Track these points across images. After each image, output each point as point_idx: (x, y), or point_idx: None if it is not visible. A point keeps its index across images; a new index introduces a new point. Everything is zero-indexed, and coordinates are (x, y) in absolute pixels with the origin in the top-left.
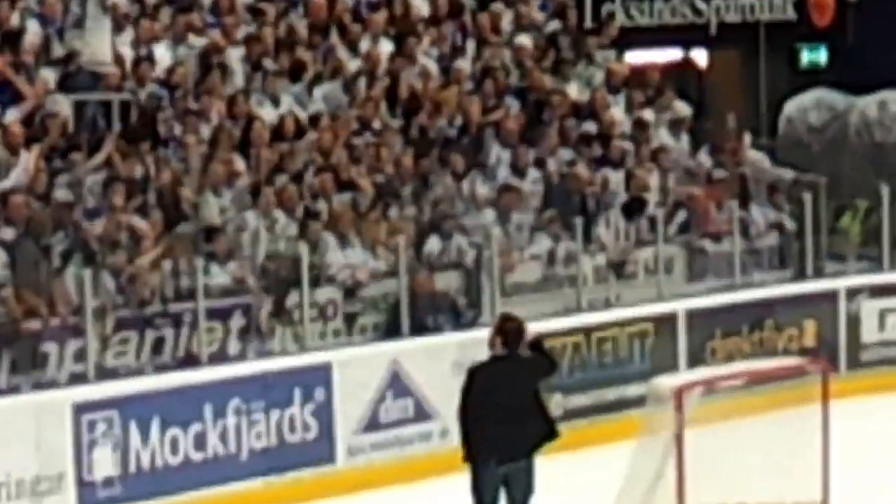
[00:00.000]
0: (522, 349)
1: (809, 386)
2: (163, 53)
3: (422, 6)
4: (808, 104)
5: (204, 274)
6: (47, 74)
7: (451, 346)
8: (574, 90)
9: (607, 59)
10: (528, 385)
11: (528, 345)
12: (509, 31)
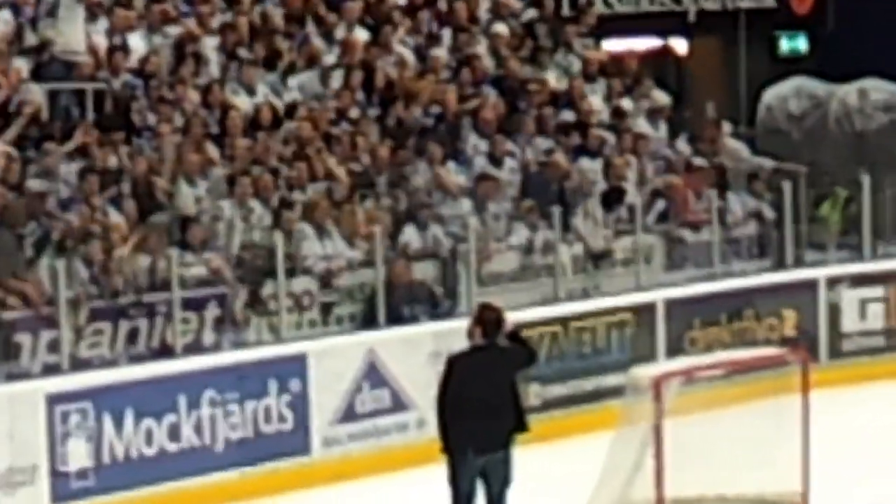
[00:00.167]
0: (501, 339)
1: (789, 376)
2: (137, 42)
3: None
4: (787, 92)
5: (179, 264)
6: (20, 64)
7: (428, 336)
8: (552, 79)
9: (586, 47)
10: (506, 376)
11: (506, 335)
12: (486, 20)
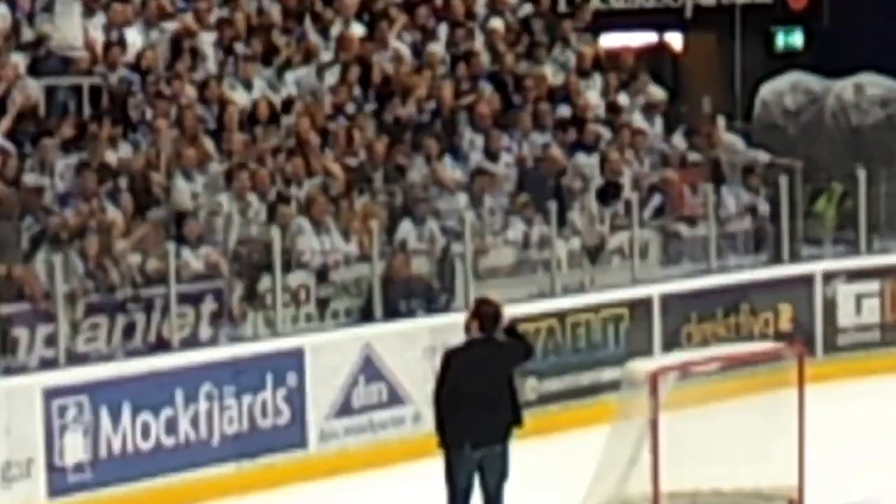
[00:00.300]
0: (498, 334)
1: (785, 370)
2: (134, 37)
3: None
4: (783, 88)
5: (175, 258)
6: (17, 59)
7: (424, 330)
8: (549, 74)
9: (582, 42)
10: (504, 370)
11: (503, 330)
12: (483, 15)
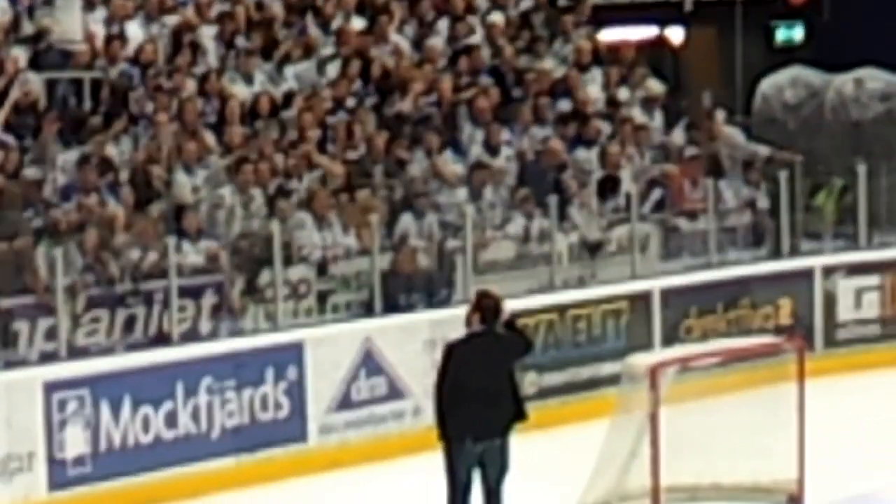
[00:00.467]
0: (498, 327)
1: (785, 365)
2: (135, 31)
3: None
4: (783, 82)
5: (176, 252)
6: (18, 53)
7: (425, 324)
8: (549, 68)
9: (582, 36)
10: (504, 363)
11: (503, 324)
12: (483, 9)
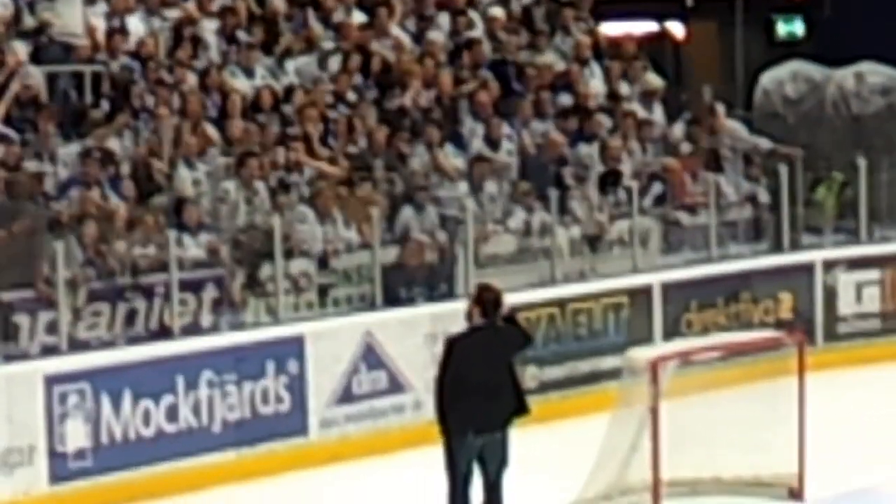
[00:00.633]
0: (498, 320)
1: (786, 359)
2: (136, 25)
3: None
4: (784, 76)
5: (176, 245)
6: (19, 46)
7: (425, 317)
8: (550, 62)
9: (583, 31)
10: (505, 356)
11: (502, 318)
12: (484, 3)
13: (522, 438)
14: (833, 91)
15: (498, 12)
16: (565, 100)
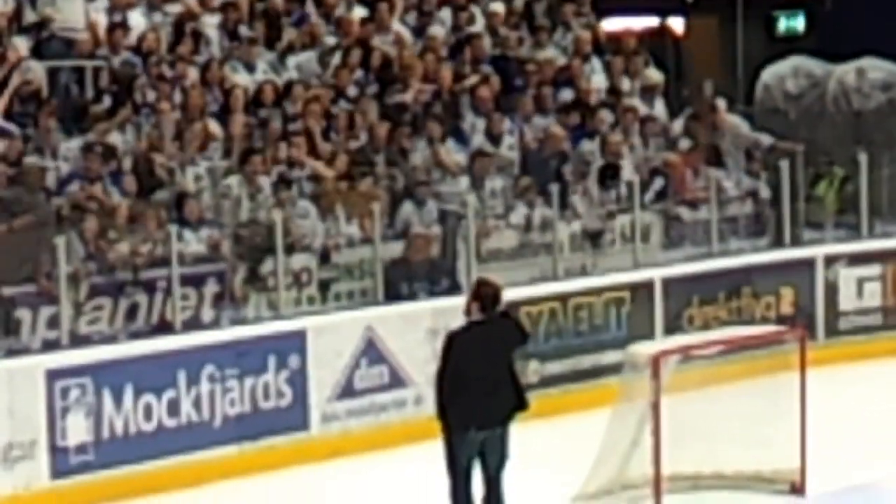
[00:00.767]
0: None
1: (787, 354)
2: (137, 20)
3: None
4: (785, 72)
5: (177, 240)
6: (20, 42)
7: (427, 312)
8: (551, 57)
9: (583, 26)
10: (504, 351)
11: (499, 314)
12: None
13: (524, 433)
14: (834, 86)
15: (499, 7)
16: (566, 95)
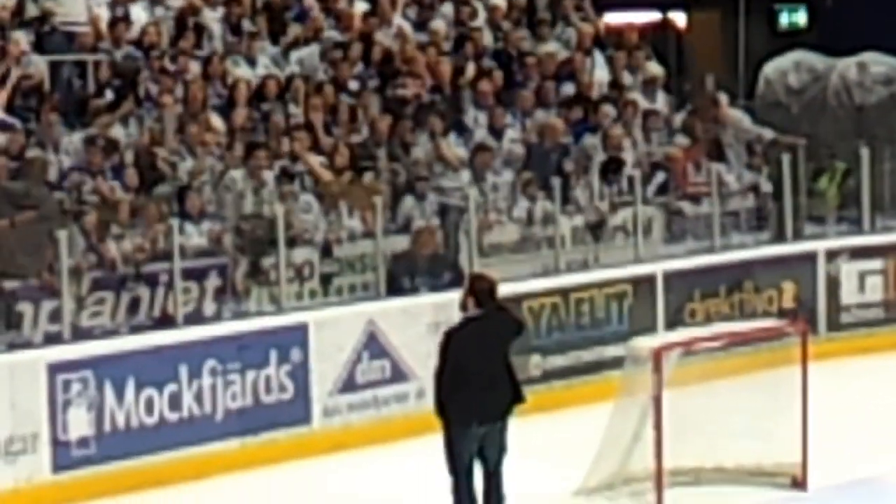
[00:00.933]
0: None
1: (788, 348)
2: (139, 14)
3: None
4: (787, 66)
5: (179, 234)
6: (21, 36)
7: (428, 307)
8: (552, 51)
9: (585, 20)
10: (501, 345)
11: (494, 308)
12: None
13: (525, 427)
14: (836, 81)
15: (500, 1)
16: (568, 89)
